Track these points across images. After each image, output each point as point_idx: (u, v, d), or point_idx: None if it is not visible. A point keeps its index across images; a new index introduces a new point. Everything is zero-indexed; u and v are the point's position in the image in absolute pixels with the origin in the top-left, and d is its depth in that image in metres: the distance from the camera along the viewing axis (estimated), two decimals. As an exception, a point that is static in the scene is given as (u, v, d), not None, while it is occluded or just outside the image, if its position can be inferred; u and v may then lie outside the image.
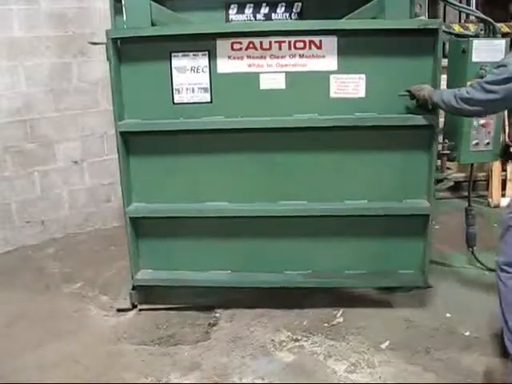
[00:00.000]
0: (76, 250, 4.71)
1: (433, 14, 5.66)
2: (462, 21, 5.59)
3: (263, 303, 3.66)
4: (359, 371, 2.98)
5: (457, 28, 5.13)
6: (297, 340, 3.28)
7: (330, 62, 3.27)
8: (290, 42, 3.27)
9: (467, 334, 3.28)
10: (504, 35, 5.05)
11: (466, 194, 5.02)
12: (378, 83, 3.28)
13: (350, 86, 3.29)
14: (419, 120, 3.26)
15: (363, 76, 3.27)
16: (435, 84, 3.20)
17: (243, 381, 2.94)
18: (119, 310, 3.68)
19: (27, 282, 4.14)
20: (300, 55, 3.28)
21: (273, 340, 3.29)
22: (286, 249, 3.58)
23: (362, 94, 3.29)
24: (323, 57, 3.27)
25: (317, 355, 3.14)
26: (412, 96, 3.23)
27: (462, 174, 5.35)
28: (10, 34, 4.36)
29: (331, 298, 3.70)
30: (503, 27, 5.18)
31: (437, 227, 4.83)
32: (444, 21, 5.68)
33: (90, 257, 4.55)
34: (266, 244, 3.58)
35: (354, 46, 3.25)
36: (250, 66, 3.32)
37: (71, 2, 4.56)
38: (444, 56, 3.44)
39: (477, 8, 5.79)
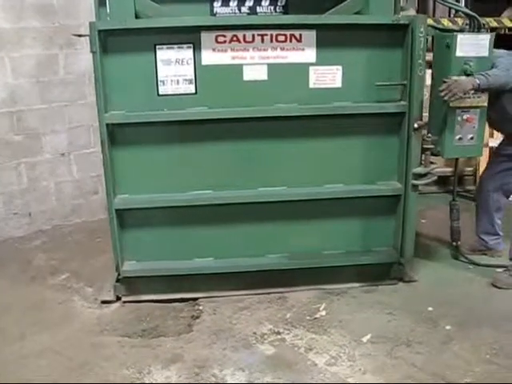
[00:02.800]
0: (63, 241, 4.70)
1: (422, 9, 5.68)
2: (452, 15, 5.61)
3: (247, 296, 3.67)
4: (339, 364, 2.99)
5: (445, 22, 5.16)
6: (278, 333, 3.29)
7: (309, 55, 3.41)
8: (271, 35, 3.36)
9: (448, 327, 3.29)
10: (493, 30, 5.10)
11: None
12: (354, 74, 3.48)
13: (328, 76, 3.45)
14: (390, 108, 3.51)
15: (340, 67, 3.45)
16: (405, 75, 3.44)
17: (223, 372, 2.95)
18: (103, 302, 3.68)
19: (13, 273, 4.14)
20: (281, 48, 3.39)
21: (255, 333, 3.30)
22: (267, 233, 3.71)
23: (338, 84, 3.47)
24: (303, 49, 3.40)
25: (298, 348, 3.15)
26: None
27: (450, 169, 5.34)
28: (-5, 25, 4.34)
29: (315, 291, 3.72)
30: (492, 22, 5.19)
31: (423, 221, 4.89)
32: (433, 15, 5.68)
33: (77, 249, 4.54)
34: (248, 230, 3.69)
35: (331, 40, 3.40)
36: (233, 58, 3.38)
37: (57, -7, 4.55)
38: (428, 50, 3.47)
39: (467, 3, 5.81)
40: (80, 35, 3.43)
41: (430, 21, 5.15)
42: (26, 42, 4.50)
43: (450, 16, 5.60)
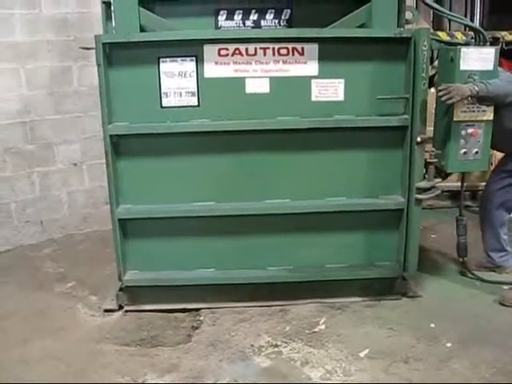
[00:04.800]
0: (73, 250, 4.78)
1: (437, 23, 5.64)
2: (467, 29, 5.54)
3: (248, 308, 3.67)
4: (334, 379, 2.96)
5: (459, 36, 5.13)
6: (276, 346, 3.27)
7: (311, 68, 3.41)
8: (274, 48, 3.38)
9: (449, 345, 3.23)
10: (508, 44, 5.05)
11: (467, 203, 5.00)
12: (356, 87, 3.46)
13: (330, 89, 3.44)
14: (393, 121, 3.49)
15: (342, 80, 3.43)
16: (408, 89, 3.40)
17: (218, 383, 2.95)
18: (106, 311, 3.72)
19: (21, 280, 4.22)
20: (283, 61, 3.40)
21: (252, 345, 3.29)
22: (270, 246, 3.70)
23: (341, 97, 3.46)
24: (305, 63, 3.40)
25: (294, 361, 3.13)
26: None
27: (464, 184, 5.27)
28: (11, 38, 4.47)
29: (317, 305, 3.70)
30: (506, 36, 5.13)
31: (433, 236, 4.83)
32: (449, 29, 5.64)
33: (86, 257, 4.61)
34: (250, 242, 3.69)
35: (334, 53, 3.39)
36: (236, 71, 3.41)
37: (72, 7, 4.68)
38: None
39: (482, 17, 5.76)
40: (87, 48, 3.51)
41: (443, 34, 5.13)
42: (41, 55, 4.64)
43: (465, 30, 5.53)
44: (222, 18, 3.53)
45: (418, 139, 3.43)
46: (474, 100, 3.33)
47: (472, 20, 5.75)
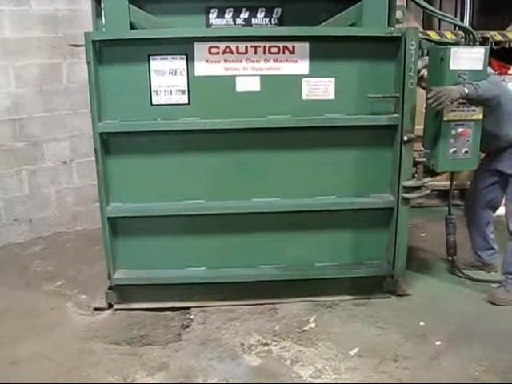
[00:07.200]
0: (61, 248, 4.75)
1: (428, 23, 5.66)
2: (456, 29, 5.56)
3: (238, 307, 3.67)
4: (324, 377, 2.97)
5: (449, 36, 5.15)
6: (266, 344, 3.28)
7: (302, 66, 3.42)
8: (264, 46, 3.38)
9: (438, 343, 3.25)
10: (497, 43, 5.07)
11: (456, 202, 5.02)
12: (347, 86, 3.47)
13: (321, 88, 3.44)
14: (383, 120, 3.51)
15: (333, 79, 3.44)
16: (398, 88, 3.42)
17: (207, 382, 2.94)
18: (96, 309, 3.71)
19: (10, 279, 4.19)
20: (274, 59, 3.40)
21: (242, 344, 3.29)
22: (260, 244, 3.70)
23: (331, 96, 3.46)
24: (296, 61, 3.41)
25: (284, 360, 3.13)
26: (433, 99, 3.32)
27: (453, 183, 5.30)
28: (0, 35, 4.43)
29: (307, 303, 3.70)
30: (496, 36, 5.15)
31: (423, 235, 4.85)
32: (439, 29, 5.65)
33: (75, 256, 4.59)
34: (240, 240, 3.69)
35: (325, 51, 3.40)
36: (226, 69, 3.41)
37: (62, 4, 4.63)
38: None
39: (472, 17, 5.78)
40: (77, 45, 3.49)
41: (433, 34, 5.15)
42: (30, 52, 4.60)
43: (455, 29, 5.55)
44: (212, 16, 3.53)
45: (405, 138, 3.44)
46: (464, 100, 3.34)
47: (462, 20, 5.75)
